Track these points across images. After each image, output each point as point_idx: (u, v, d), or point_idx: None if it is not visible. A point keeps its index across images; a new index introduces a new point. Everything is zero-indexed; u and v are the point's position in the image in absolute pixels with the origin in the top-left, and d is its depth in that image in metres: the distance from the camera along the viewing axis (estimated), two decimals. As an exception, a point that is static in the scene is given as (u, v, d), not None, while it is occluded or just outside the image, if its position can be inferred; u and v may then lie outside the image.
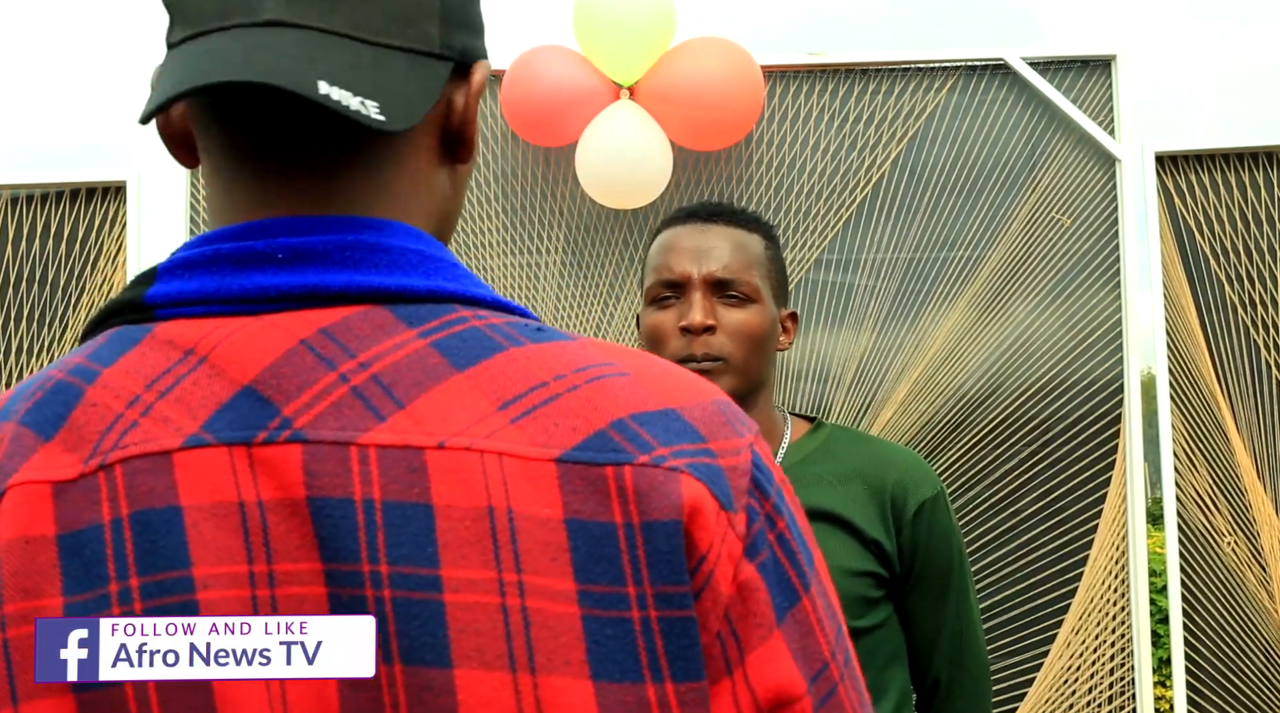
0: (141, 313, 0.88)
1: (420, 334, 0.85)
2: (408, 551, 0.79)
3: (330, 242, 0.87)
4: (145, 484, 0.81)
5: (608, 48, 3.96)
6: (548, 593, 0.80)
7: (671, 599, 0.81)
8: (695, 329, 1.90)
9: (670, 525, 0.82)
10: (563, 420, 0.83)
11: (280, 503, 0.80)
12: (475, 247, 4.24)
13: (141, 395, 0.84)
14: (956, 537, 2.01)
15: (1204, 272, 4.20)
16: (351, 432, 0.81)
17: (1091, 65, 4.25)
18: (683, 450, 0.84)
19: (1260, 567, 4.13)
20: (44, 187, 4.22)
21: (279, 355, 0.84)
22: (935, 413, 4.20)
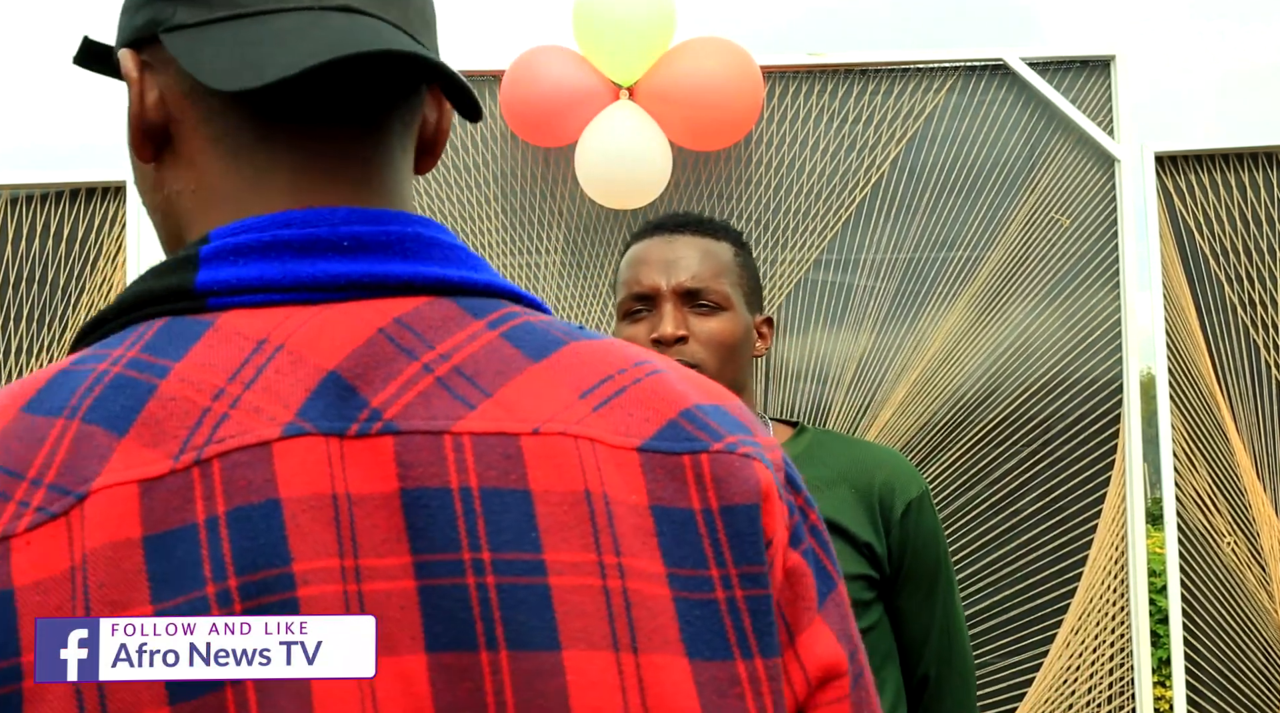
0: (191, 301, 0.85)
1: (489, 325, 0.86)
2: (510, 537, 0.80)
3: (392, 232, 0.87)
4: (244, 478, 0.78)
5: (607, 48, 3.96)
6: (644, 575, 0.82)
7: (755, 579, 0.84)
8: (667, 340, 1.91)
9: (751, 509, 0.85)
10: (636, 410, 0.86)
11: (369, 497, 0.79)
12: (475, 246, 4.23)
13: (225, 387, 0.81)
14: (941, 534, 2.02)
15: (1203, 272, 4.20)
16: (444, 421, 0.81)
17: (1091, 65, 4.25)
18: (745, 440, 0.88)
19: (1260, 567, 4.13)
20: (44, 186, 4.22)
21: (360, 344, 0.83)
22: (935, 413, 4.20)
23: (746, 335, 1.98)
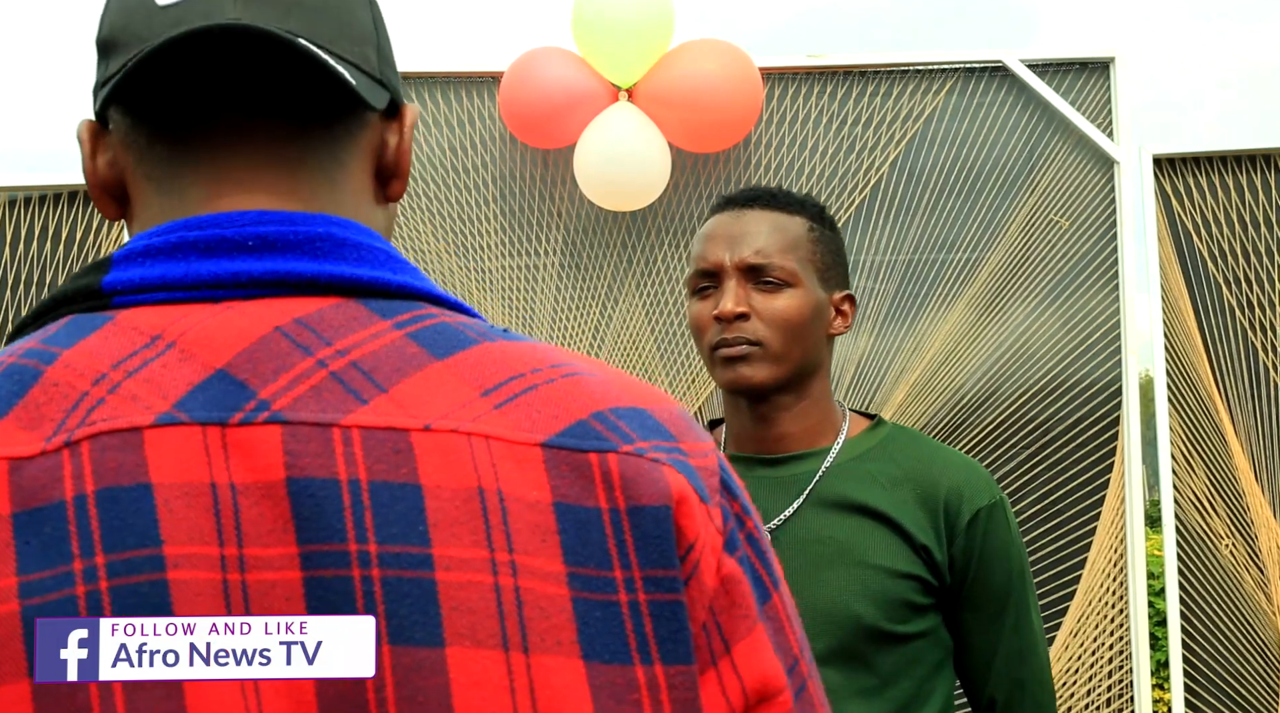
0: (98, 300, 0.87)
1: (395, 325, 0.86)
2: (398, 530, 0.79)
3: (301, 232, 0.87)
4: (114, 461, 0.80)
5: (606, 50, 3.96)
6: (539, 574, 0.80)
7: (661, 583, 0.82)
8: (727, 317, 1.85)
9: (660, 511, 0.83)
10: (544, 409, 0.84)
11: (255, 486, 0.79)
12: (473, 248, 4.24)
13: (109, 374, 0.82)
14: (1016, 549, 1.92)
15: (1202, 274, 4.20)
16: (334, 414, 0.81)
17: (1090, 67, 4.25)
18: (660, 446, 0.86)
19: (1258, 569, 4.13)
20: (42, 188, 4.22)
21: (254, 341, 0.83)
22: (934, 415, 4.20)
23: (817, 313, 1.91)
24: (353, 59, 0.91)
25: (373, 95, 0.91)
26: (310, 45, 0.85)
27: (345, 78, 0.86)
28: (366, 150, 0.95)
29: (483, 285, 4.23)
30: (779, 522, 1.88)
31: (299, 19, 0.89)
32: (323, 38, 0.90)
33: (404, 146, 0.97)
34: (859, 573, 1.83)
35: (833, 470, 1.91)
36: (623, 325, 4.23)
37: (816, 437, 1.95)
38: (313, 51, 0.85)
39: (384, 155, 0.97)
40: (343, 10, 0.93)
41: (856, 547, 1.85)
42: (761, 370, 1.87)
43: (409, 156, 0.98)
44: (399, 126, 0.97)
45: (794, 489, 1.90)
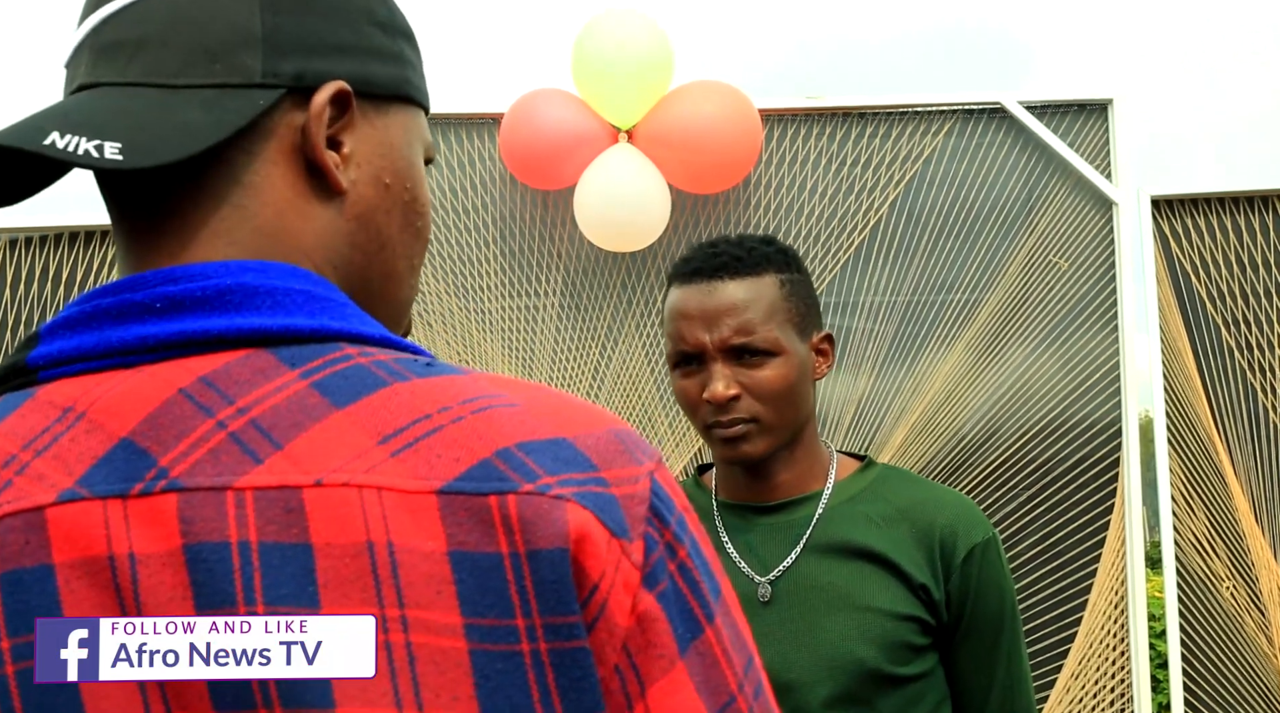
0: (25, 377, 0.87)
1: (302, 375, 0.84)
2: (286, 591, 0.78)
3: (209, 287, 0.86)
4: (17, 542, 0.80)
5: (606, 91, 3.97)
6: (433, 627, 0.78)
7: (560, 630, 0.79)
8: (719, 401, 1.85)
9: (556, 554, 0.79)
10: (445, 452, 0.81)
11: (154, 555, 0.79)
12: (473, 289, 4.24)
13: (18, 455, 0.83)
14: (1009, 585, 1.93)
15: (1201, 315, 4.20)
16: (229, 476, 0.80)
17: (1088, 109, 4.26)
18: (570, 479, 0.82)
19: (1259, 611, 4.12)
20: (43, 230, 4.22)
21: (157, 405, 0.83)
22: (934, 456, 4.19)
23: (803, 371, 1.92)
24: (208, 81, 0.88)
25: (164, 145, 0.85)
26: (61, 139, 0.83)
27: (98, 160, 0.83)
28: (283, 154, 0.92)
29: (483, 326, 4.23)
30: (780, 571, 1.89)
31: (144, 60, 0.88)
32: (167, 71, 0.88)
33: (313, 137, 0.91)
34: (860, 617, 1.83)
35: (827, 515, 1.92)
36: (623, 366, 4.23)
37: (808, 481, 1.96)
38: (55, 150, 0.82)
39: (307, 152, 0.92)
40: (202, 20, 0.90)
41: (857, 591, 1.85)
42: (760, 444, 1.88)
43: (321, 148, 0.92)
44: (319, 112, 0.92)
45: (791, 535, 1.91)
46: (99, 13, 0.91)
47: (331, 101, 0.92)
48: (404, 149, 0.99)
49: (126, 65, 0.89)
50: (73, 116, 0.85)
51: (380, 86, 0.97)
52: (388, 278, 0.99)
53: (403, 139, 0.99)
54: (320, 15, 0.93)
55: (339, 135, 0.94)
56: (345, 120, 0.94)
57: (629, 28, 3.95)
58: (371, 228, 0.97)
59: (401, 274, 1.01)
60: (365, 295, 0.97)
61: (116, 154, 0.83)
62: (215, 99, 0.88)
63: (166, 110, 0.87)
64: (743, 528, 1.94)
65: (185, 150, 0.85)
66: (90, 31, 0.91)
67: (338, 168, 0.93)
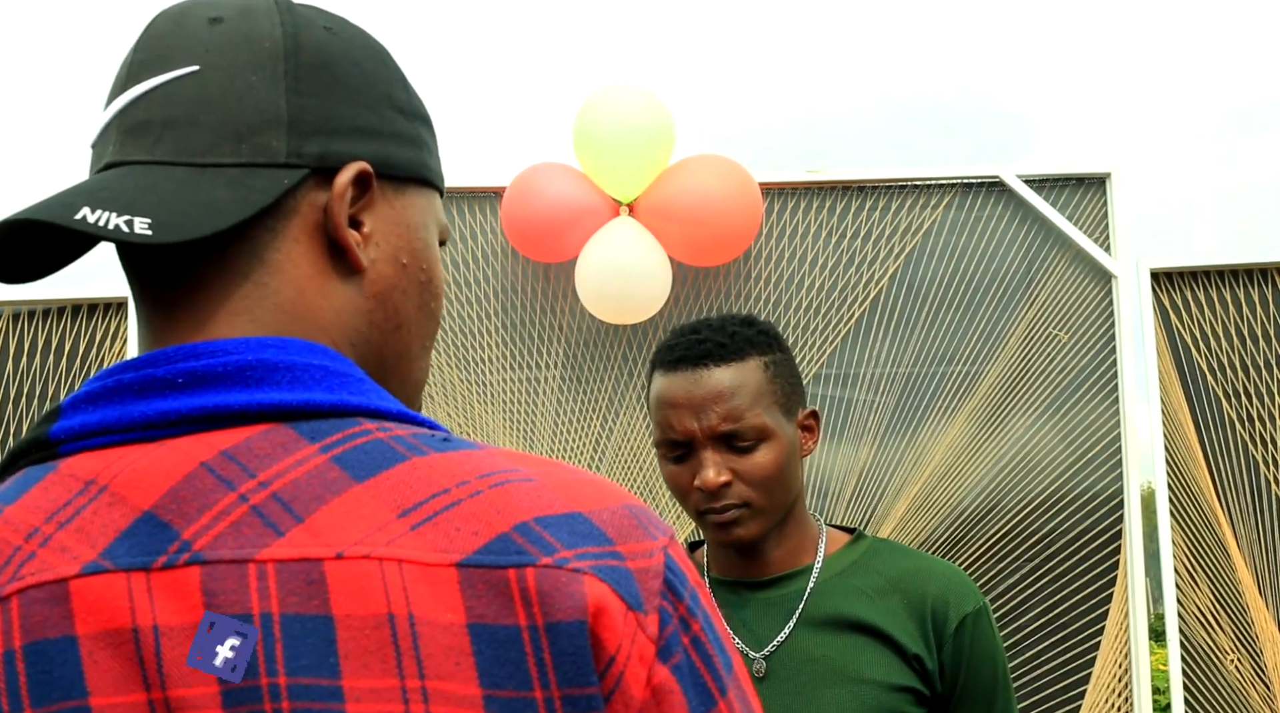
0: (46, 450, 0.88)
1: (322, 449, 0.85)
2: (308, 662, 0.79)
3: (230, 363, 0.87)
4: (40, 614, 0.81)
5: (607, 165, 3.99)
6: (453, 699, 0.79)
7: (579, 702, 0.80)
8: (710, 488, 1.86)
9: (574, 626, 0.81)
10: (464, 525, 0.82)
11: (180, 628, 0.80)
12: (475, 361, 4.25)
13: (41, 527, 0.84)
14: (1000, 653, 1.94)
15: (1201, 387, 4.21)
16: (250, 549, 0.81)
17: (1086, 183, 4.29)
18: (587, 553, 0.83)
19: (1264, 685, 4.10)
20: (45, 302, 4.24)
21: (179, 479, 0.84)
22: (935, 528, 4.19)
23: (792, 451, 1.92)
24: (235, 160, 0.90)
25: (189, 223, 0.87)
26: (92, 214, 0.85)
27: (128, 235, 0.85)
28: (305, 232, 0.93)
29: (484, 398, 4.24)
30: (774, 646, 1.89)
31: (171, 139, 0.90)
32: (195, 151, 0.90)
33: (335, 217, 0.93)
34: (856, 689, 1.84)
35: (820, 588, 1.92)
36: (624, 438, 4.23)
37: (799, 555, 1.96)
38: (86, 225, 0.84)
39: (327, 228, 0.94)
40: (229, 102, 0.92)
41: (851, 663, 1.86)
42: (753, 527, 1.89)
43: (343, 228, 0.93)
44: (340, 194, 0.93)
45: (784, 610, 1.92)
46: (128, 93, 0.92)
47: (353, 182, 0.94)
48: (421, 230, 1.01)
49: (154, 144, 0.90)
50: (101, 193, 0.87)
51: (399, 168, 0.98)
52: (401, 357, 1.00)
53: (419, 220, 1.01)
54: (343, 99, 0.95)
55: (359, 214, 0.95)
56: (366, 200, 0.95)
57: (630, 102, 3.98)
58: (389, 306, 0.98)
59: (415, 354, 1.02)
60: (381, 374, 0.98)
61: (146, 229, 0.84)
62: (241, 178, 0.89)
63: (193, 188, 0.88)
64: (736, 604, 1.94)
65: (211, 227, 0.86)
66: (119, 112, 0.92)
67: (358, 246, 0.95)
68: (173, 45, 0.93)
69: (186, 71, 0.92)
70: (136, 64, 0.93)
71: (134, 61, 0.93)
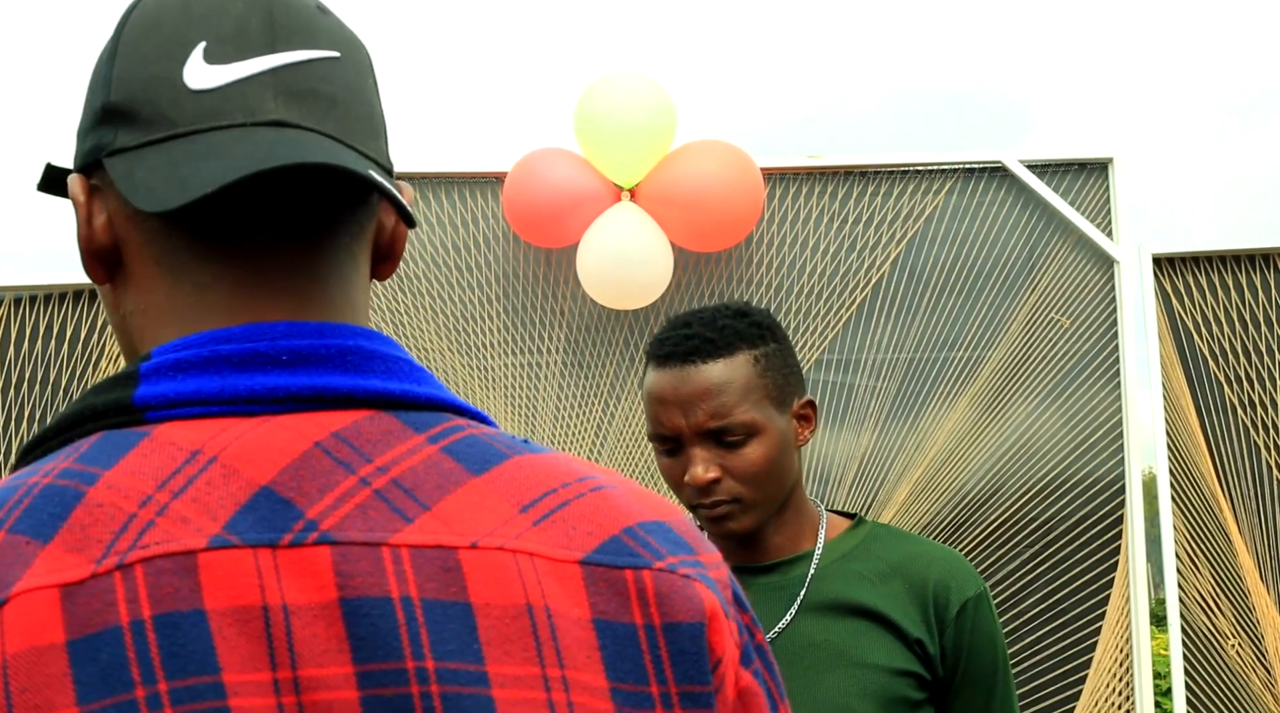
0: (129, 415, 0.85)
1: (430, 439, 0.86)
2: (453, 647, 0.80)
3: (332, 346, 0.87)
4: (170, 585, 0.78)
5: (609, 150, 3.99)
6: (588, 689, 0.81)
7: (699, 698, 0.84)
8: (699, 484, 1.86)
9: (696, 628, 0.84)
10: (579, 525, 0.85)
11: (308, 607, 0.79)
12: (476, 346, 4.25)
13: (154, 495, 0.81)
14: (1000, 638, 1.95)
15: (1203, 372, 4.21)
16: (381, 533, 0.81)
17: (1089, 168, 4.28)
18: (685, 560, 0.87)
19: (1265, 669, 4.10)
20: (46, 288, 4.24)
21: (295, 457, 0.83)
22: (937, 513, 4.19)
23: (784, 443, 1.91)
24: (376, 156, 0.91)
25: (393, 185, 0.90)
26: (374, 176, 0.86)
27: (397, 197, 0.87)
28: (369, 238, 0.95)
29: (485, 383, 4.24)
30: (776, 632, 1.89)
31: (337, 119, 0.90)
32: (355, 136, 0.90)
33: (399, 230, 0.97)
34: (857, 674, 1.84)
35: (821, 573, 1.93)
36: (625, 424, 4.23)
37: (799, 541, 1.96)
38: (383, 186, 0.86)
39: (380, 238, 0.96)
40: (363, 102, 0.93)
41: (853, 648, 1.86)
42: (746, 521, 1.89)
43: (403, 240, 0.98)
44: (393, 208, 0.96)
45: (786, 595, 1.92)
46: (282, 56, 0.90)
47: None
48: None
49: (323, 117, 0.89)
50: (337, 153, 0.87)
51: None
52: None
53: None
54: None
55: None
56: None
57: (632, 88, 3.98)
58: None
59: None
60: None
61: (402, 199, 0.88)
62: (382, 174, 0.90)
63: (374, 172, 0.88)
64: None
65: (407, 218, 0.90)
66: (270, 70, 0.89)
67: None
68: (310, 23, 0.92)
69: (333, 55, 0.92)
70: (280, 27, 0.90)
71: (274, 22, 0.90)
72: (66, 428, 0.87)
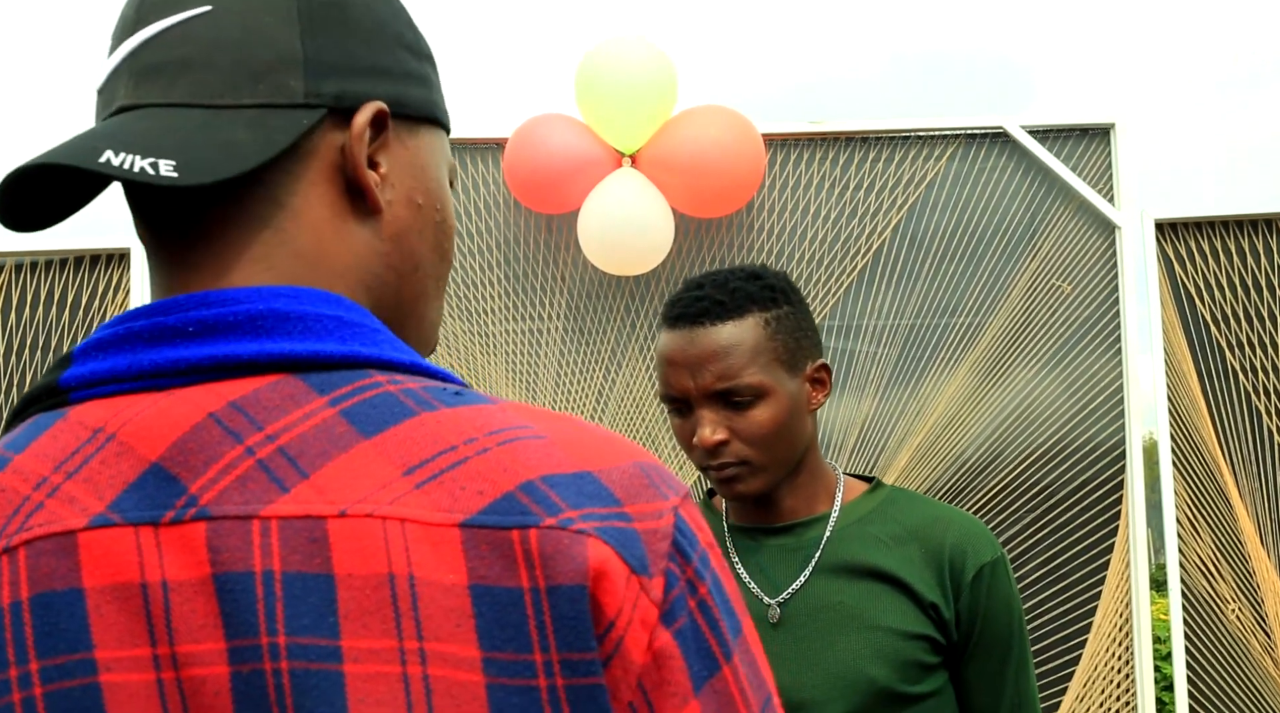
0: (57, 397, 0.87)
1: (330, 401, 0.84)
2: (308, 621, 0.78)
3: (241, 312, 0.86)
4: (48, 566, 0.80)
5: (609, 116, 3.98)
6: (451, 660, 0.78)
7: (578, 667, 0.79)
8: (707, 446, 1.86)
9: (575, 590, 0.79)
10: (469, 484, 0.81)
11: (187, 583, 0.79)
12: (477, 313, 4.25)
13: (49, 477, 0.83)
14: (1017, 604, 1.94)
15: (1205, 338, 4.21)
16: (255, 505, 0.80)
17: (1091, 133, 4.27)
18: (593, 514, 0.81)
19: (1265, 633, 4.11)
20: (48, 253, 4.23)
21: (186, 430, 0.83)
22: (937, 479, 4.19)
23: (795, 407, 1.90)
24: (252, 101, 0.89)
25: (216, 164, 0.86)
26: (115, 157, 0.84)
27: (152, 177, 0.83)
28: (322, 175, 0.92)
29: (486, 350, 4.24)
30: (790, 593, 1.90)
31: (190, 82, 0.89)
32: (211, 92, 0.89)
33: (354, 157, 0.92)
34: (871, 636, 1.84)
35: (837, 535, 1.93)
36: (626, 390, 4.24)
37: (815, 503, 1.97)
38: (111, 168, 0.83)
39: (345, 167, 0.93)
40: (244, 42, 0.90)
41: (867, 610, 1.86)
42: (755, 483, 1.89)
43: (362, 168, 0.92)
44: (347, 132, 0.93)
45: (801, 557, 1.92)
46: (138, 35, 0.91)
47: (370, 122, 0.93)
48: (434, 169, 1.00)
49: (170, 86, 0.89)
50: (121, 136, 0.86)
51: (413, 108, 0.98)
52: (419, 298, 1.00)
53: (432, 160, 1.00)
54: (357, 38, 0.94)
55: (376, 155, 0.94)
56: (381, 141, 0.94)
57: (633, 53, 3.96)
58: (405, 248, 0.97)
59: (431, 295, 1.02)
60: (397, 316, 0.98)
61: (171, 172, 0.83)
62: (260, 119, 0.89)
63: (213, 130, 0.87)
64: (753, 549, 1.95)
65: (236, 168, 0.85)
66: (128, 55, 0.91)
67: (377, 187, 0.94)
68: None
69: (198, 12, 0.90)
70: (145, 5, 0.91)
71: (142, 3, 0.92)
72: (16, 414, 0.90)
